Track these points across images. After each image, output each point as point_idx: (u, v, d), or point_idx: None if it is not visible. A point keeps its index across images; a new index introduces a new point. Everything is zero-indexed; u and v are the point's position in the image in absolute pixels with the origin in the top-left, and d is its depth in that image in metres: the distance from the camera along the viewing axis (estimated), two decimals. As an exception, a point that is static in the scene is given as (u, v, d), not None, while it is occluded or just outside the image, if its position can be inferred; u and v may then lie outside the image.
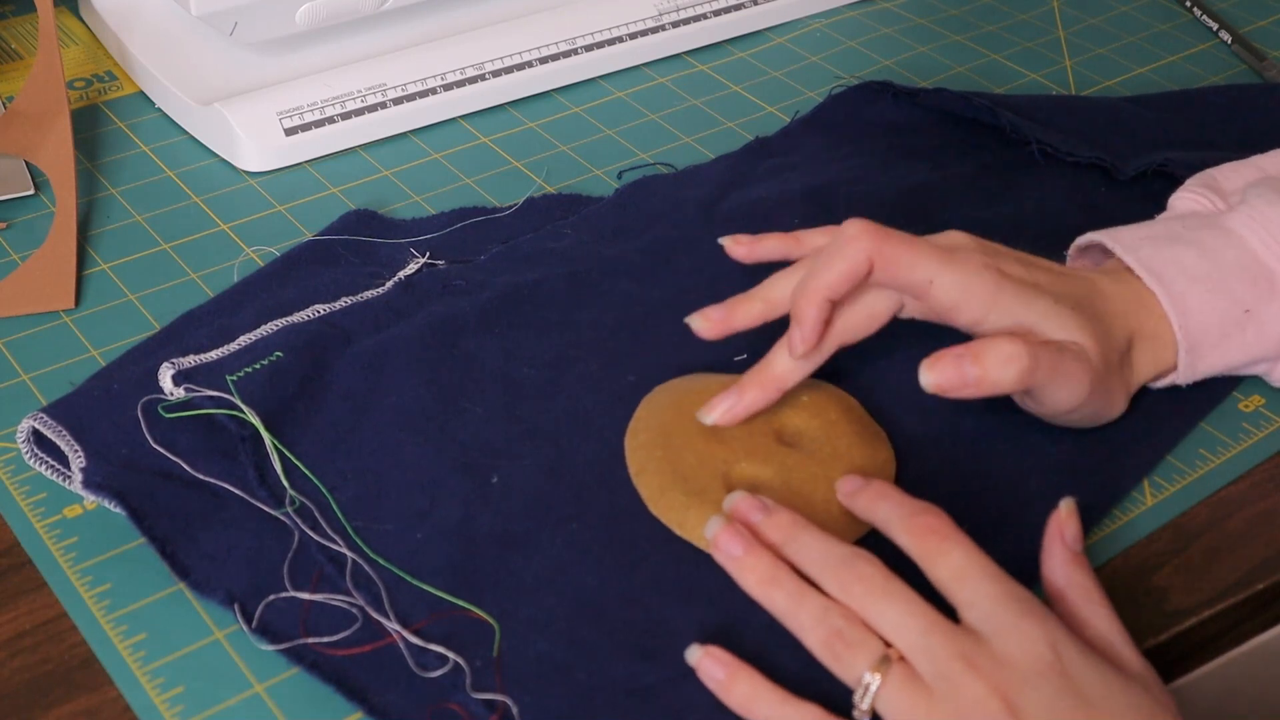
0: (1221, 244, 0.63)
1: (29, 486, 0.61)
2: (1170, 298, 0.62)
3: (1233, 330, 0.62)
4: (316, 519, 0.58)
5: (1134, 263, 0.63)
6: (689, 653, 0.53)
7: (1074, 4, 0.98)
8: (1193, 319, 0.62)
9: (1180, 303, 0.62)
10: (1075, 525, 0.55)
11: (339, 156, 0.82)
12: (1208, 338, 0.62)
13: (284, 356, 0.63)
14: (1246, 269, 0.62)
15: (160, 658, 0.55)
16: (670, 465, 0.60)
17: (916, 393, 0.65)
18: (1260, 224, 0.63)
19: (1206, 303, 0.62)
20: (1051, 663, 0.49)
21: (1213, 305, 0.62)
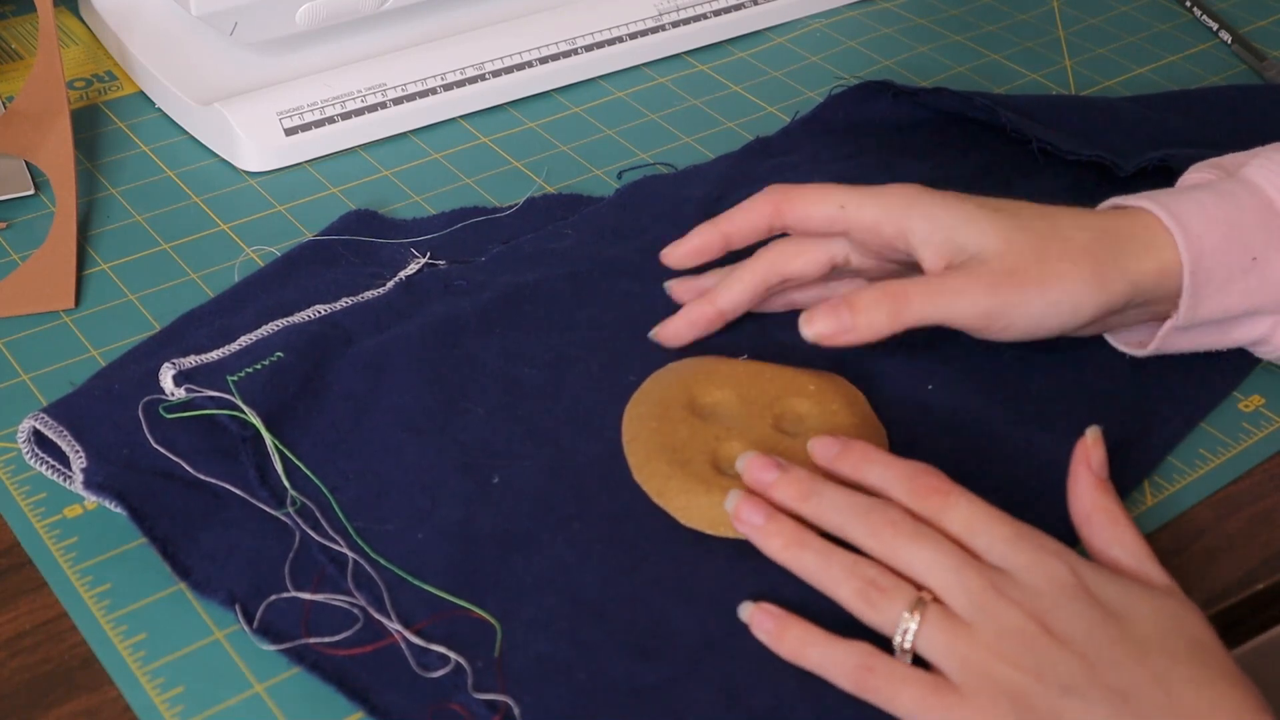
0: (1239, 190, 0.63)
1: (29, 486, 0.61)
2: (1186, 238, 0.61)
3: (1238, 275, 0.62)
4: (318, 519, 0.58)
5: (1150, 204, 0.62)
6: (740, 610, 0.54)
7: (1074, 4, 0.98)
8: (1204, 262, 0.61)
9: (1196, 244, 0.61)
10: (1101, 452, 0.58)
11: (339, 156, 0.82)
12: (1213, 281, 0.62)
13: (285, 357, 0.63)
14: (1261, 215, 0.62)
15: (160, 658, 0.55)
16: (660, 436, 0.60)
17: (916, 390, 0.65)
18: (1275, 171, 0.63)
19: (1219, 246, 0.61)
20: (1074, 584, 0.52)
21: (1226, 249, 0.62)
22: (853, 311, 0.59)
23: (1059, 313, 0.60)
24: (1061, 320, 0.61)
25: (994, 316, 0.60)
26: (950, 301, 0.60)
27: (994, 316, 0.60)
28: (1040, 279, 0.60)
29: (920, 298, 0.60)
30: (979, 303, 0.60)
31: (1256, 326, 0.64)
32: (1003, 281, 0.60)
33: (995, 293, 0.60)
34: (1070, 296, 0.60)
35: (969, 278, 0.60)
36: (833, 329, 0.59)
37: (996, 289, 0.60)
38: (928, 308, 0.60)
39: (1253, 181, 0.63)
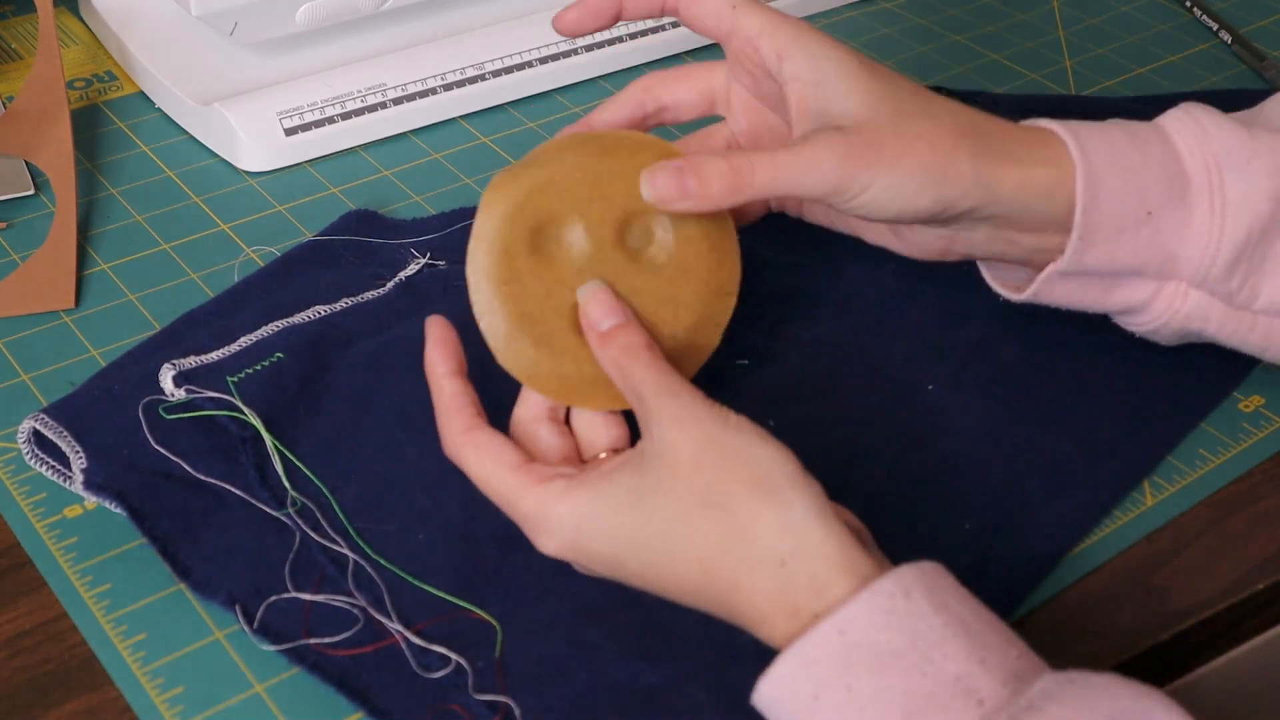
0: (1150, 138, 0.61)
1: (29, 486, 0.61)
2: (1087, 176, 0.59)
3: (1130, 226, 0.60)
4: (318, 520, 0.58)
5: (1060, 128, 0.60)
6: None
7: (1074, 4, 0.98)
8: (1100, 203, 0.59)
9: (1093, 183, 0.59)
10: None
11: (339, 156, 0.82)
12: (1105, 226, 0.60)
13: (285, 357, 0.63)
14: (1166, 168, 0.60)
15: (160, 658, 0.55)
16: (515, 302, 0.56)
17: (917, 390, 0.65)
18: (1194, 131, 0.61)
19: (1118, 191, 0.59)
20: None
21: (1123, 195, 0.59)
22: (698, 178, 0.56)
23: (898, 196, 0.57)
24: (900, 205, 0.58)
25: (840, 191, 0.57)
26: (796, 174, 0.57)
27: (840, 191, 0.57)
28: (892, 157, 0.57)
29: (766, 170, 0.56)
30: (826, 177, 0.57)
31: (1138, 290, 0.62)
32: (853, 155, 0.57)
33: (842, 167, 0.57)
34: (913, 180, 0.57)
35: (818, 149, 0.57)
36: (674, 192, 0.56)
37: (844, 163, 0.57)
38: (774, 181, 0.56)
39: (1166, 132, 0.61)
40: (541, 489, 0.53)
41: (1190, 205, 0.60)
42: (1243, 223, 0.59)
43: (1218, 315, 0.61)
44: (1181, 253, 0.60)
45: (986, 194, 0.58)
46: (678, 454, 0.51)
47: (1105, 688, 0.46)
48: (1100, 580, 0.60)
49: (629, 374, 0.54)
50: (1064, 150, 0.59)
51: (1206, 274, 0.60)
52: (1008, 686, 0.47)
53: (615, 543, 0.52)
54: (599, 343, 0.55)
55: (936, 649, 0.47)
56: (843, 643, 0.47)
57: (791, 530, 0.49)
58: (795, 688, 0.48)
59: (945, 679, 0.46)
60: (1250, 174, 0.59)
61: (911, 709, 0.46)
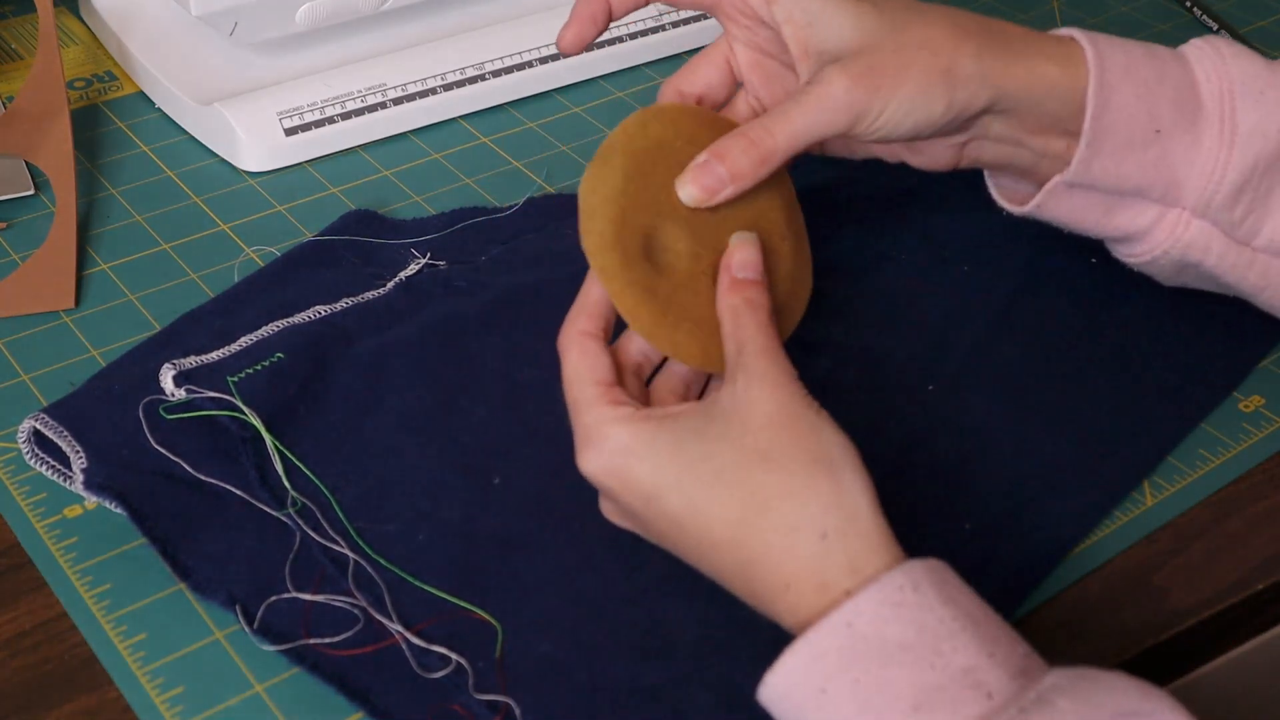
0: (1168, 60, 0.61)
1: (29, 486, 0.61)
2: (1100, 84, 0.59)
3: (1138, 143, 0.60)
4: (318, 520, 0.58)
5: (1080, 34, 0.60)
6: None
7: (1074, 4, 0.98)
8: (1110, 113, 0.59)
9: (1105, 92, 0.59)
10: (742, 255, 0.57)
11: (339, 156, 0.81)
12: (1113, 138, 0.60)
13: (285, 358, 0.63)
14: (1180, 91, 0.60)
15: (160, 658, 0.55)
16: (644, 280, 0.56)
17: (917, 390, 0.65)
18: (1212, 58, 0.61)
19: (1129, 104, 0.60)
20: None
21: (1134, 109, 0.60)
22: (724, 163, 0.57)
23: (912, 111, 0.58)
24: (916, 120, 0.58)
25: (857, 121, 0.58)
26: (811, 122, 0.57)
27: (857, 121, 0.58)
28: (896, 74, 0.57)
29: (783, 129, 0.57)
30: (839, 115, 0.57)
31: (1140, 214, 0.62)
32: (859, 84, 0.57)
33: (852, 100, 0.57)
34: (922, 93, 0.58)
35: (823, 90, 0.57)
36: (710, 186, 0.57)
37: (852, 96, 0.57)
38: (793, 136, 0.57)
39: (1185, 57, 0.61)
40: (610, 408, 0.54)
41: (1200, 130, 0.60)
42: (1250, 152, 0.59)
43: (1218, 247, 0.61)
44: (1187, 177, 0.60)
45: (995, 90, 0.59)
46: (753, 409, 0.52)
47: (1114, 685, 0.46)
48: (1100, 580, 0.60)
49: (741, 324, 0.55)
50: (1079, 54, 0.60)
51: (1210, 201, 0.60)
52: (1016, 681, 0.47)
53: (662, 474, 0.52)
54: (729, 286, 0.56)
55: (945, 642, 0.47)
56: (851, 635, 0.47)
57: (842, 508, 0.50)
58: (803, 680, 0.48)
59: (954, 671, 0.47)
60: (1263, 103, 0.60)
61: (920, 701, 0.46)
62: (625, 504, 0.54)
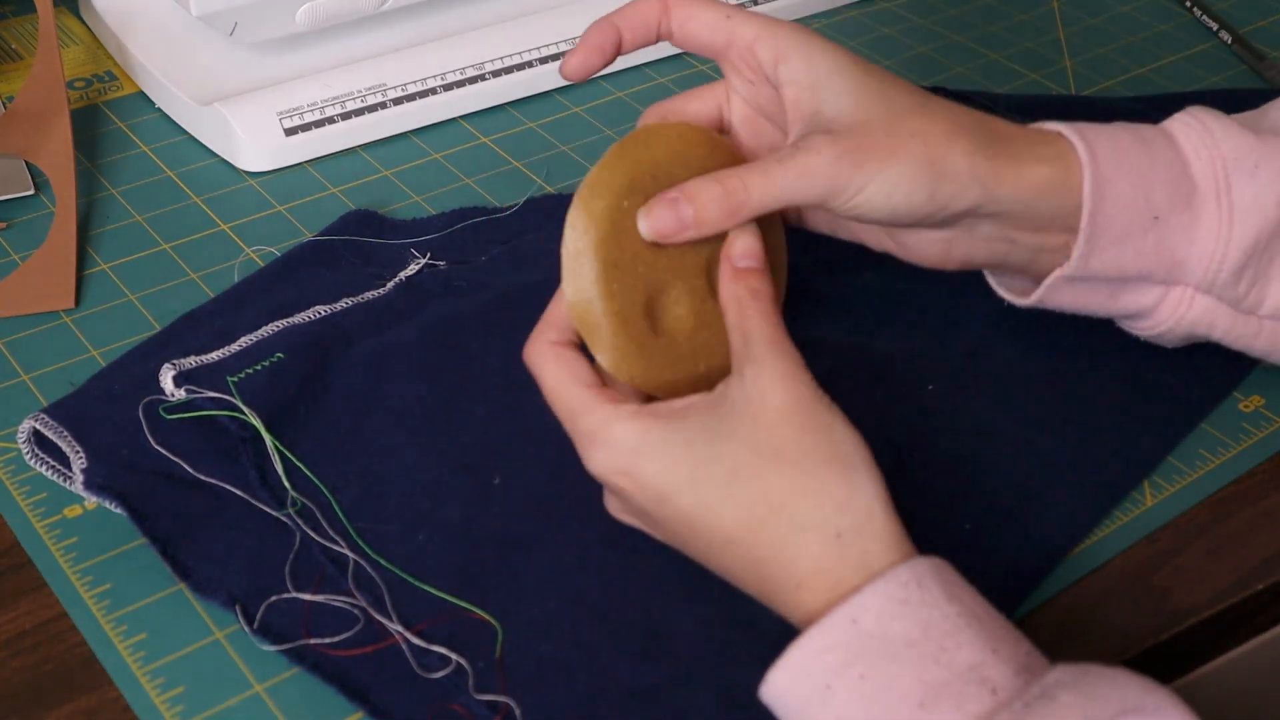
0: (1157, 142, 0.60)
1: (29, 486, 0.61)
2: (1095, 179, 0.59)
3: (1136, 232, 0.59)
4: (318, 520, 0.58)
5: (1069, 130, 0.60)
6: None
7: (1074, 4, 0.98)
8: (1107, 207, 0.59)
9: (1101, 187, 0.59)
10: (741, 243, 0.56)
11: (339, 156, 0.81)
12: (1110, 231, 0.59)
13: (285, 358, 0.63)
14: (1172, 172, 0.60)
15: (160, 658, 0.55)
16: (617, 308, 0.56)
17: (917, 391, 0.65)
18: (1199, 133, 0.60)
19: (1125, 195, 0.59)
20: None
21: (1130, 200, 0.59)
22: (692, 204, 0.56)
23: (893, 195, 0.57)
24: (895, 205, 0.57)
25: (835, 195, 0.57)
26: (789, 184, 0.56)
27: (835, 195, 0.57)
28: (884, 156, 0.57)
29: (759, 185, 0.56)
30: (819, 182, 0.56)
31: (1144, 295, 0.62)
32: (845, 157, 0.56)
33: (835, 171, 0.56)
34: (906, 179, 0.57)
35: (808, 155, 0.57)
36: (672, 225, 0.56)
37: (836, 166, 0.56)
38: (767, 194, 0.56)
39: (1173, 137, 0.61)
40: (611, 407, 0.53)
41: (1197, 210, 0.60)
42: (1250, 228, 0.59)
43: (1224, 321, 0.61)
44: (1188, 258, 0.60)
45: (984, 192, 0.58)
46: (765, 404, 0.51)
47: (1118, 681, 0.46)
48: (1100, 580, 0.60)
49: (746, 314, 0.54)
50: (1069, 150, 0.59)
51: (1214, 279, 0.60)
52: (1020, 677, 0.47)
53: (674, 473, 0.52)
54: (731, 276, 0.55)
55: (950, 638, 0.47)
56: (856, 631, 0.48)
57: (856, 508, 0.50)
58: (808, 677, 0.48)
59: (959, 667, 0.47)
60: (1258, 178, 0.59)
61: (925, 697, 0.46)
62: (636, 503, 0.53)
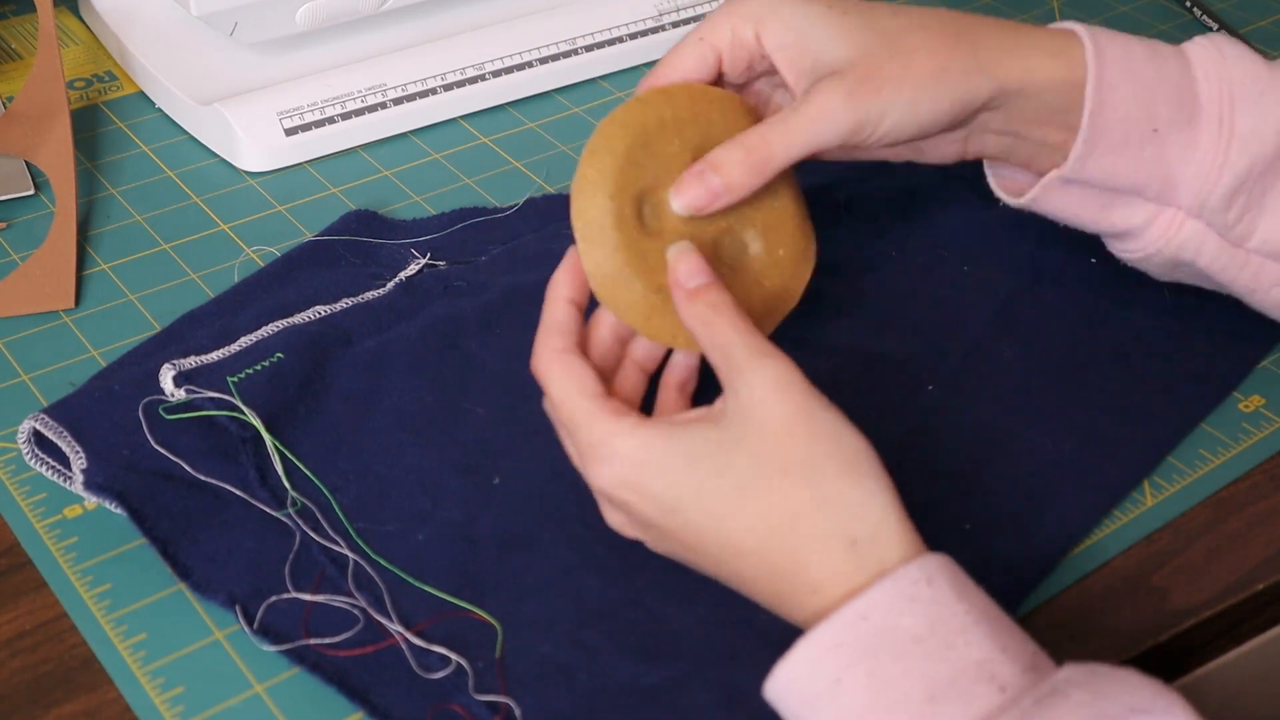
0: (1169, 58, 0.61)
1: (29, 486, 0.61)
2: (1098, 82, 0.59)
3: (1134, 141, 0.60)
4: (318, 520, 0.58)
5: (1080, 29, 0.60)
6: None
7: (1074, 4, 0.98)
8: (1108, 111, 0.59)
9: (1103, 90, 0.59)
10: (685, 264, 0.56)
11: (339, 156, 0.81)
12: (1110, 136, 0.60)
13: (285, 358, 0.63)
14: (1179, 91, 0.60)
15: (160, 658, 0.55)
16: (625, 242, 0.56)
17: (917, 391, 0.65)
18: (1214, 58, 0.61)
19: (1127, 102, 0.59)
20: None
21: (1132, 108, 0.59)
22: (718, 173, 0.56)
23: (918, 112, 0.57)
24: (922, 120, 0.58)
25: (859, 130, 0.57)
26: (809, 131, 0.57)
27: (859, 130, 0.57)
28: (896, 78, 0.57)
29: (781, 139, 0.57)
30: (840, 122, 0.57)
31: (1135, 211, 0.62)
32: (858, 90, 0.57)
33: (852, 106, 0.57)
34: (924, 92, 0.57)
35: (822, 97, 0.57)
36: (703, 197, 0.56)
37: (852, 101, 0.57)
38: (791, 145, 0.57)
39: (1187, 55, 0.61)
40: (614, 419, 0.53)
41: (1197, 130, 0.60)
42: (1246, 154, 0.59)
43: (1211, 248, 0.61)
44: (1182, 177, 0.60)
45: (996, 85, 0.58)
46: (767, 417, 0.51)
47: (1127, 681, 0.47)
48: (1100, 580, 0.60)
49: (715, 330, 0.54)
50: (1078, 49, 0.60)
51: (1204, 203, 0.60)
52: (1028, 675, 0.47)
53: (680, 488, 0.52)
54: (685, 299, 0.55)
55: (959, 635, 0.47)
56: (865, 628, 0.48)
57: (869, 516, 0.50)
58: (816, 671, 0.48)
59: (967, 664, 0.47)
60: (1262, 106, 0.60)
61: (934, 693, 0.46)
62: (641, 516, 0.53)
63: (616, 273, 0.56)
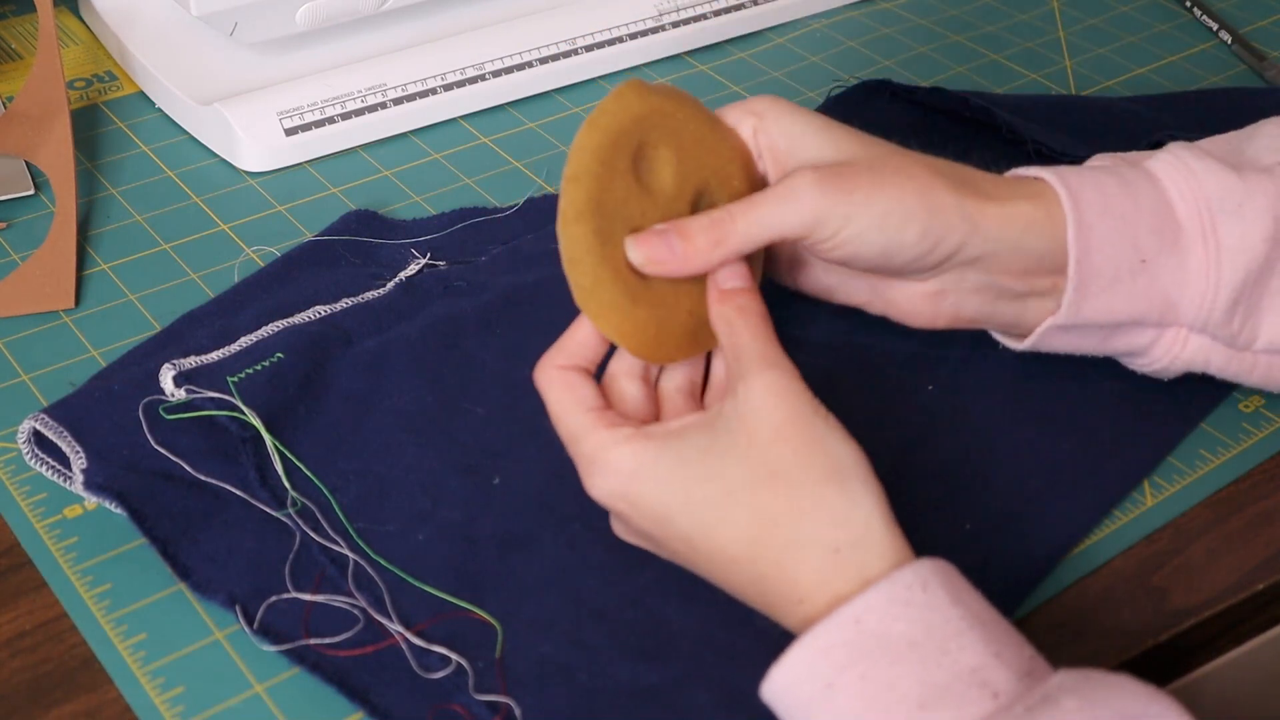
0: (1140, 184, 0.60)
1: (29, 486, 0.61)
2: (1079, 226, 0.58)
3: (1125, 277, 0.59)
4: (318, 520, 0.58)
5: (1049, 175, 0.60)
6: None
7: (1074, 4, 0.98)
8: (1093, 253, 0.59)
9: (1086, 233, 0.59)
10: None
11: (339, 156, 0.81)
12: (1100, 279, 0.59)
13: (285, 358, 0.63)
14: (1157, 215, 0.60)
15: (160, 658, 0.55)
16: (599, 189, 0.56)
17: (917, 391, 0.65)
18: (1182, 173, 0.60)
19: (1111, 241, 0.59)
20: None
21: (1116, 245, 0.59)
22: (682, 238, 0.56)
23: (885, 226, 0.57)
24: (888, 237, 0.57)
25: (822, 224, 0.56)
26: (775, 213, 0.57)
27: (822, 224, 0.56)
28: (871, 187, 0.57)
29: (745, 216, 0.57)
30: (806, 210, 0.56)
31: (1138, 337, 0.62)
32: (830, 184, 0.57)
33: (821, 197, 0.56)
34: (896, 210, 0.57)
35: (794, 183, 0.57)
36: (662, 256, 0.56)
37: (822, 193, 0.56)
38: (754, 225, 0.56)
39: (1155, 177, 0.60)
40: (608, 432, 0.53)
41: (1184, 252, 0.60)
42: (1239, 266, 0.59)
43: (1219, 359, 0.62)
44: (1180, 300, 0.60)
45: (971, 227, 0.58)
46: (760, 422, 0.51)
47: (1121, 687, 0.46)
48: (1100, 580, 0.60)
49: (737, 332, 0.54)
50: (1051, 193, 0.59)
51: (1206, 319, 0.60)
52: (1022, 682, 0.47)
53: (671, 495, 0.52)
54: (719, 297, 0.56)
55: (952, 640, 0.47)
56: (859, 631, 0.48)
57: (853, 522, 0.50)
58: (809, 675, 0.48)
59: (961, 670, 0.47)
60: (1244, 217, 0.59)
61: (926, 699, 0.46)
62: (637, 526, 0.54)
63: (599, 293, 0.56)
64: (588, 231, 0.55)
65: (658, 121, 0.58)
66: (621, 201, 0.56)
